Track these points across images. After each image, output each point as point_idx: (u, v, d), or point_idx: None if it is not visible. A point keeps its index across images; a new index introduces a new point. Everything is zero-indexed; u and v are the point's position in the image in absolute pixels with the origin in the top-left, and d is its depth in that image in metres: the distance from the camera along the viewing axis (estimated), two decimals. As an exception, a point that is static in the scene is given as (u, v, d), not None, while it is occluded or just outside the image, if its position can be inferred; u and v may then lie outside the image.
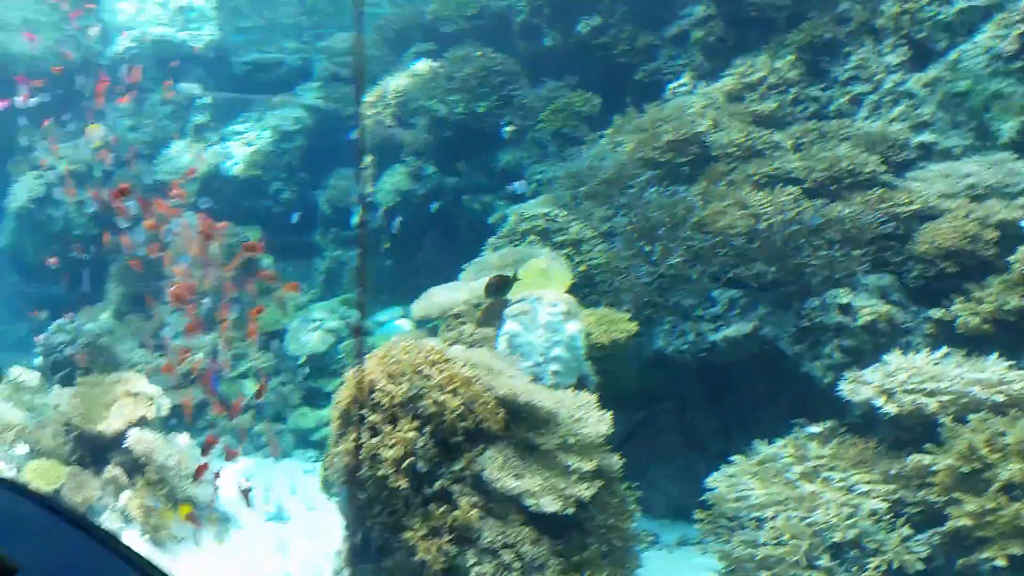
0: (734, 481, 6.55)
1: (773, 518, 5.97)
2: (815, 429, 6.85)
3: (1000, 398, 5.83)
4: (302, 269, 11.70)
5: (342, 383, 5.75)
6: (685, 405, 8.16)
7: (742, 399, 7.87)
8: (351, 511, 5.69)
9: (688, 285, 7.40)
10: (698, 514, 6.51)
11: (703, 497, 6.58)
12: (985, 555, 5.06)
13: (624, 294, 7.21)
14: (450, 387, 5.23)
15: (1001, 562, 4.97)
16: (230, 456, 6.33)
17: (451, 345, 5.95)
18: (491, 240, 7.97)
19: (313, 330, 10.03)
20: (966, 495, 5.32)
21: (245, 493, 6.42)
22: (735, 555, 5.95)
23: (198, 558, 7.13)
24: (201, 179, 12.40)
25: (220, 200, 11.87)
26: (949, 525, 5.34)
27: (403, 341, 5.65)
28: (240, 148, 13.14)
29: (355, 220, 9.12)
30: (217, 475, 8.07)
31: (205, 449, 6.56)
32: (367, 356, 5.72)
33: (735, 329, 7.51)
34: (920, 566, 5.38)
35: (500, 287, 5.90)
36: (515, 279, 5.92)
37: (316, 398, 9.96)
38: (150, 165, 12.71)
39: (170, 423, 8.89)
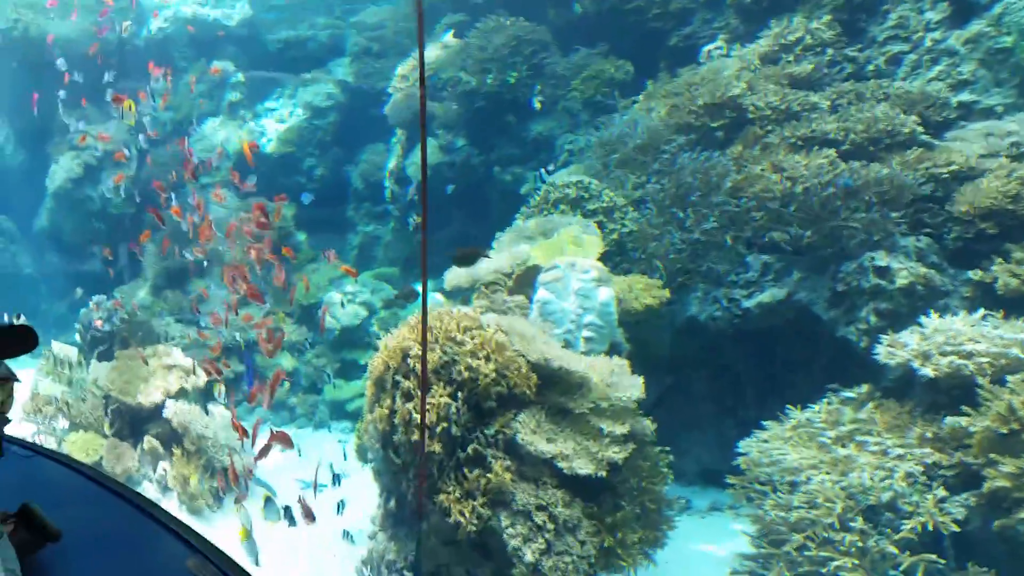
0: (767, 446, 6.53)
1: (806, 482, 5.95)
2: (850, 394, 6.80)
3: (1041, 360, 5.73)
4: (335, 244, 11.81)
5: (376, 352, 5.82)
6: (718, 372, 8.12)
7: (776, 365, 7.82)
8: (386, 476, 5.79)
9: (721, 251, 7.34)
10: (731, 479, 6.50)
11: (735, 462, 6.57)
12: (1022, 515, 4.99)
13: (656, 261, 7.17)
14: (483, 353, 5.27)
15: (1040, 522, 4.91)
16: (279, 440, 6.40)
17: (483, 313, 5.99)
18: (523, 210, 7.96)
19: (347, 303, 10.14)
20: (1004, 457, 5.25)
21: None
22: (768, 518, 5.95)
23: (235, 526, 7.30)
24: (235, 156, 12.55)
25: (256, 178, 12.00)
26: (986, 487, 5.28)
27: (436, 309, 5.70)
28: (273, 125, 13.28)
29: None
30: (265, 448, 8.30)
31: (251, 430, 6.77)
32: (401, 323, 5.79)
33: (769, 295, 7.45)
34: (955, 528, 5.33)
35: (467, 258, 5.75)
36: (484, 254, 5.78)
37: (350, 370, 10.09)
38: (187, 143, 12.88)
39: (206, 395, 9.09)
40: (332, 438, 9.58)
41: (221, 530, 7.40)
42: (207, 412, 8.56)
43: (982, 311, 6.45)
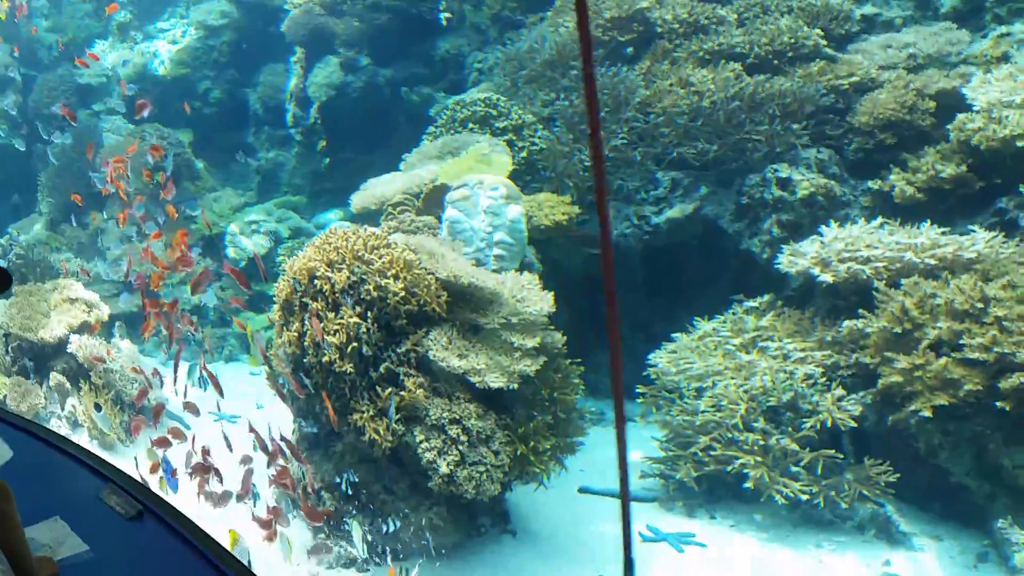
0: (675, 356, 6.70)
1: (712, 387, 6.15)
2: (753, 303, 7.01)
3: (932, 262, 5.99)
4: (236, 172, 11.34)
5: (282, 275, 5.65)
6: (629, 289, 8.23)
7: (685, 280, 7.97)
8: (299, 400, 5.70)
9: (631, 168, 7.35)
10: (641, 389, 6.67)
11: (646, 374, 6.73)
12: (913, 408, 5.28)
13: (567, 179, 7.13)
14: (391, 271, 5.17)
15: (927, 413, 5.21)
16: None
17: (392, 233, 5.86)
18: (430, 129, 7.76)
19: (251, 233, 9.80)
20: (897, 355, 5.51)
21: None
22: (675, 423, 6.15)
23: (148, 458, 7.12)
24: (127, 80, 11.81)
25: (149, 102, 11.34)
26: (881, 384, 5.55)
27: (341, 229, 5.55)
28: (165, 46, 12.53)
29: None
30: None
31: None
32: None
33: (678, 210, 7.54)
34: (852, 424, 5.61)
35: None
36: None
37: (258, 301, 9.83)
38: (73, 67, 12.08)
39: (112, 330, 8.74)
40: (244, 370, 9.38)
41: (131, 462, 7.20)
42: (114, 346, 8.23)
43: (880, 219, 6.69)
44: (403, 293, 5.12)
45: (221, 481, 5.31)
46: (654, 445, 6.44)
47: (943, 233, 6.25)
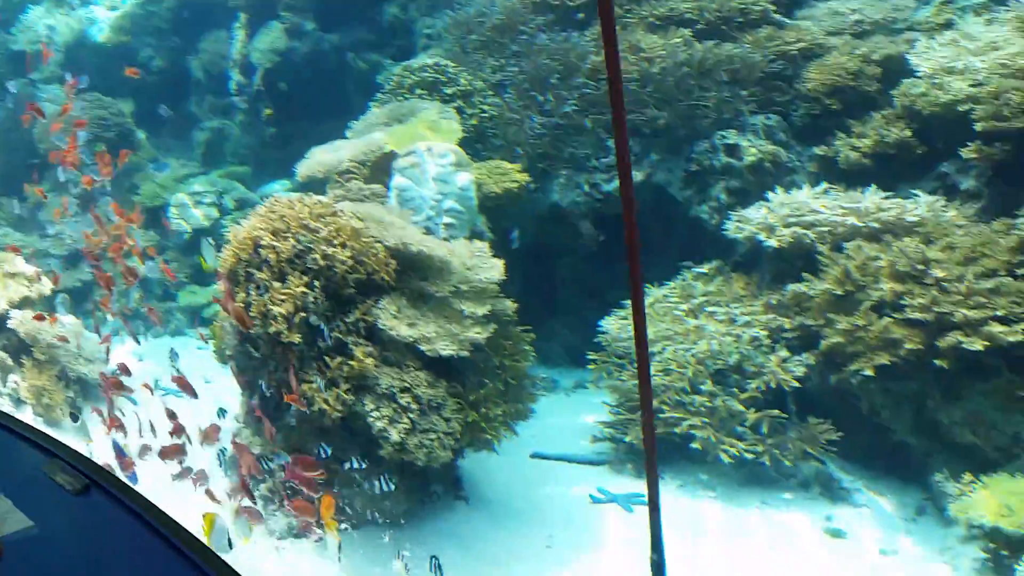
0: (625, 323, 6.76)
1: (661, 352, 6.22)
2: (702, 269, 7.09)
3: (875, 226, 6.11)
4: (179, 142, 11.05)
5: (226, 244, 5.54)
6: (581, 257, 8.26)
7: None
8: (247, 372, 5.62)
9: (583, 135, 7.33)
10: (591, 355, 6.72)
11: (597, 340, 6.79)
12: (855, 367, 5.41)
13: (518, 147, 7.09)
14: (338, 240, 5.10)
15: (869, 372, 5.34)
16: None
17: (338, 202, 5.78)
18: (378, 96, 7.64)
19: (196, 205, 9.59)
20: (839, 316, 5.63)
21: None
22: (625, 388, 6.22)
23: (93, 434, 6.98)
24: (64, 48, 11.42)
25: (88, 71, 10.96)
26: (823, 345, 5.67)
27: (286, 197, 5.45)
28: (104, 12, 12.10)
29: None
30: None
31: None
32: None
33: (628, 177, 7.54)
34: (796, 384, 5.73)
35: None
36: None
37: (204, 274, 9.64)
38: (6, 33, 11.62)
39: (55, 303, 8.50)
40: (191, 344, 9.22)
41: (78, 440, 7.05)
42: (57, 321, 8.00)
43: (825, 185, 6.79)
44: (351, 262, 5.06)
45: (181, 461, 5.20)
46: (605, 410, 6.52)
47: (887, 198, 6.37)
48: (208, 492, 4.92)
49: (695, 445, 5.73)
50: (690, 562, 4.79)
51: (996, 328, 5.07)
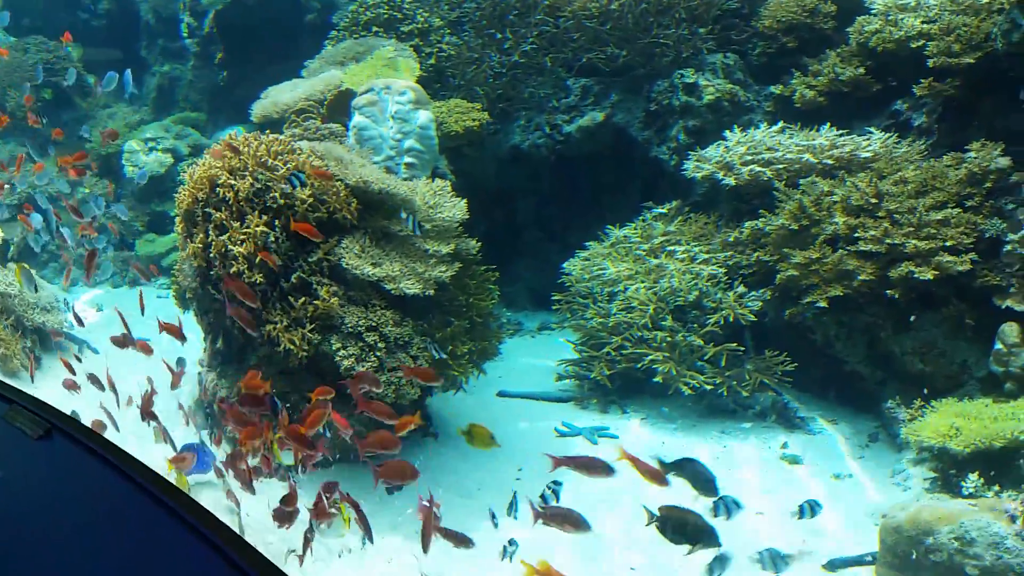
0: (588, 264, 6.83)
1: (623, 291, 6.31)
2: (662, 210, 7.17)
3: (830, 162, 6.23)
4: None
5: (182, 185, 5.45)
6: (543, 199, 8.29)
7: (598, 189, 8.07)
8: (209, 314, 5.58)
9: (542, 75, 7.29)
10: (556, 296, 6.79)
11: (561, 281, 6.86)
12: (809, 300, 5.55)
13: (477, 87, 7.02)
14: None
15: (823, 304, 5.49)
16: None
17: (296, 141, 5.69)
18: (332, 34, 7.48)
19: (149, 151, 9.36)
20: (795, 251, 5.75)
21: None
22: (589, 326, 6.31)
23: (53, 383, 6.90)
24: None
25: (31, 14, 10.57)
26: (779, 279, 5.80)
27: (242, 135, 5.36)
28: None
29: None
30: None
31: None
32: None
33: (589, 118, 7.56)
34: (753, 319, 5.87)
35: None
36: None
37: (160, 223, 9.47)
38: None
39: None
40: (151, 294, 9.09)
41: (42, 389, 6.96)
42: (7, 270, 7.82)
43: (781, 123, 6.87)
44: (311, 200, 5.01)
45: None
46: (569, 348, 6.62)
47: (841, 135, 6.48)
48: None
49: (657, 379, 5.86)
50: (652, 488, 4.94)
51: (946, 258, 5.24)
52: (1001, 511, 3.89)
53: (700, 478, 4.21)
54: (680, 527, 3.83)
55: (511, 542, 3.81)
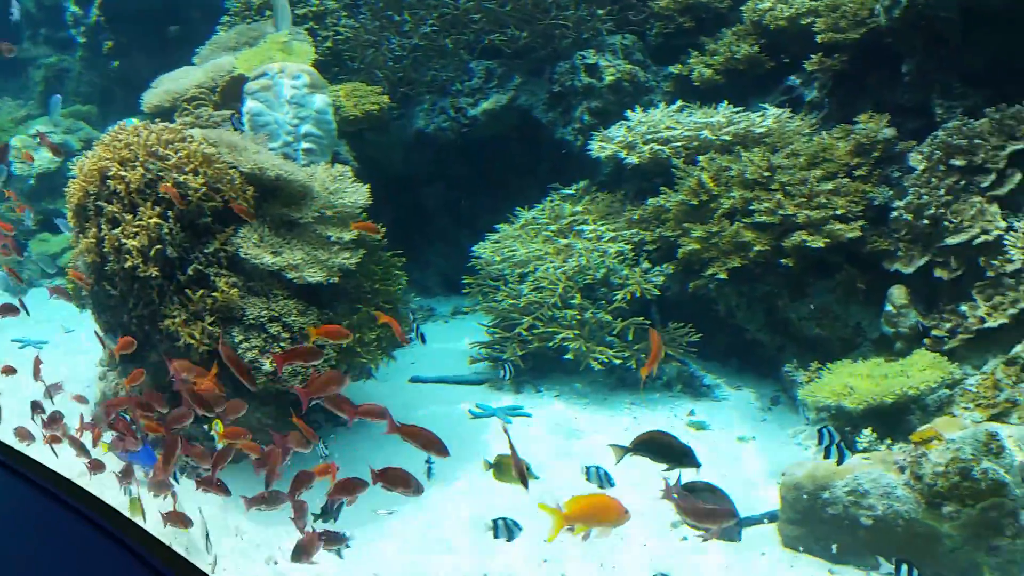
0: (498, 246, 6.84)
1: (533, 271, 6.35)
2: (569, 191, 7.24)
3: (727, 138, 6.39)
4: (14, 83, 10.19)
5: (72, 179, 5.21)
6: (451, 184, 8.25)
7: (506, 172, 8.08)
8: (106, 312, 5.37)
9: (444, 57, 7.24)
10: (467, 279, 6.79)
11: (470, 265, 6.85)
12: (710, 272, 5.70)
13: (377, 70, 6.93)
14: (190, 167, 4.89)
15: (722, 275, 5.64)
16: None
17: (188, 128, 5.51)
18: (224, 19, 7.26)
19: (37, 147, 8.92)
20: (695, 225, 5.89)
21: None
22: (501, 308, 6.33)
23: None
24: None
25: None
26: (681, 253, 5.94)
27: (131, 124, 5.16)
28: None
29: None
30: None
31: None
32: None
33: (493, 101, 7.55)
34: (657, 293, 6.00)
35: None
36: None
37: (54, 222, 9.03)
38: None
39: None
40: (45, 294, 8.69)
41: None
42: None
43: (680, 102, 7.01)
44: (205, 189, 4.86)
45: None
46: (482, 331, 6.62)
47: (737, 112, 6.65)
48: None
49: (568, 356, 5.92)
50: (568, 458, 5.01)
51: (836, 226, 5.45)
52: (892, 463, 4.09)
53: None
54: (658, 448, 3.78)
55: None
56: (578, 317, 5.97)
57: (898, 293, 5.29)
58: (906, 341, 5.21)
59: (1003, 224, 5.00)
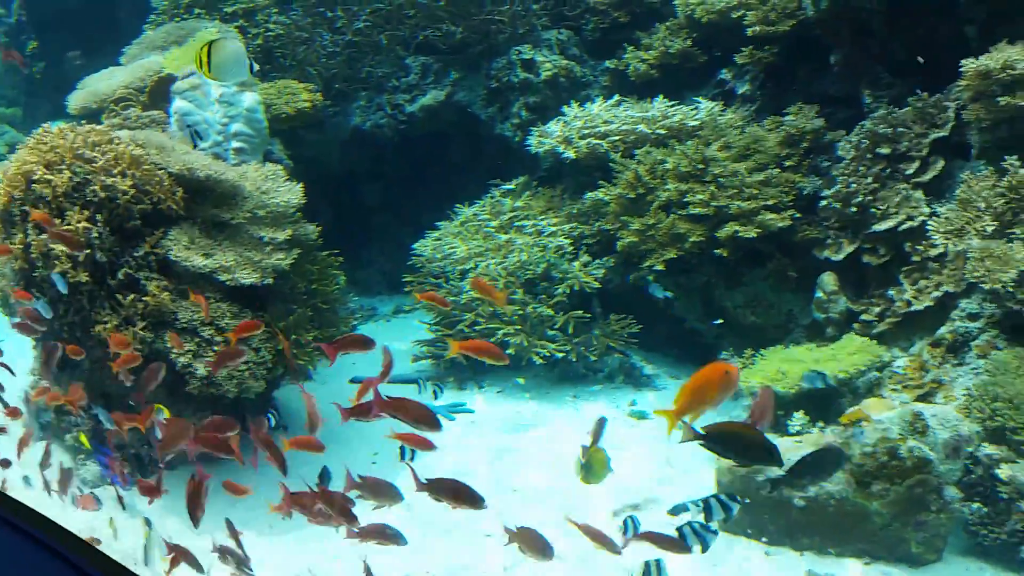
0: (439, 243, 6.83)
1: (475, 268, 6.35)
2: (510, 186, 7.25)
3: (662, 132, 6.46)
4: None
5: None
6: (391, 182, 8.20)
7: (446, 169, 8.06)
8: (36, 321, 5.20)
9: (379, 54, 7.18)
10: (408, 277, 6.76)
11: (411, 263, 6.83)
12: (648, 263, 5.77)
13: (310, 67, 6.84)
14: (117, 169, 4.77)
15: (660, 267, 5.71)
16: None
17: (116, 130, 5.38)
18: (152, 17, 7.09)
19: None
20: (632, 218, 5.95)
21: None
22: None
23: None
24: None
25: None
26: (620, 246, 5.99)
27: (56, 126, 5.01)
28: None
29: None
30: None
31: None
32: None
33: (431, 97, 7.52)
34: (598, 286, 6.05)
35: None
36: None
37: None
38: None
39: None
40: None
41: None
42: None
43: (617, 96, 7.07)
44: (133, 191, 4.75)
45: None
46: (423, 328, 6.60)
47: (672, 106, 6.73)
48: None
49: (510, 351, 5.92)
50: (515, 454, 5.03)
51: (767, 216, 5.56)
52: (823, 445, 4.19)
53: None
54: (732, 442, 3.15)
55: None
56: (520, 312, 5.99)
57: (828, 280, 5.42)
58: (837, 326, 5.34)
59: (927, 210, 5.16)
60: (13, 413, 4.85)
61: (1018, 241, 4.37)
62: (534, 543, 3.01)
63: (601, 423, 3.82)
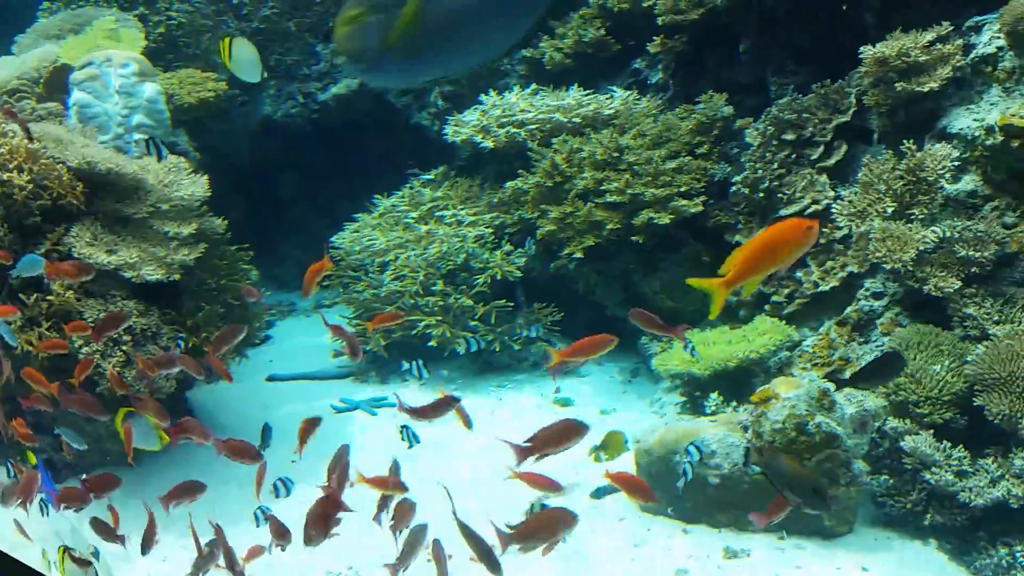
0: (358, 236, 6.73)
1: (394, 260, 6.28)
2: (428, 176, 7.19)
3: (578, 120, 6.51)
4: None
5: None
6: (306, 172, 8.04)
7: (362, 160, 7.94)
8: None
9: (289, 41, 7.00)
10: (327, 271, 6.62)
11: (330, 255, 6.69)
12: (568, 251, 5.80)
13: (215, 56, 6.62)
14: (13, 164, 4.54)
15: (579, 255, 5.75)
16: None
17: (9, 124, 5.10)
18: (44, 5, 6.75)
19: None
20: (551, 206, 5.97)
21: None
22: (362, 299, 6.23)
23: None
24: None
25: None
26: (539, 234, 6.01)
27: (-63, 120, 4.72)
28: None
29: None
30: None
31: None
32: None
33: (343, 86, 7.39)
34: (519, 274, 6.06)
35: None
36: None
37: None
38: None
39: None
40: None
41: None
42: None
43: (534, 85, 7.08)
44: (31, 187, 4.52)
45: None
46: (344, 323, 6.49)
47: (587, 95, 6.78)
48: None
49: (432, 343, 5.89)
50: (442, 446, 5.00)
51: (680, 203, 5.66)
52: (736, 423, 4.29)
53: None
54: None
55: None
56: (441, 303, 5.95)
57: (741, 263, 5.54)
58: (749, 308, 5.48)
59: (831, 193, 5.32)
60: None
61: (916, 221, 4.56)
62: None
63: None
